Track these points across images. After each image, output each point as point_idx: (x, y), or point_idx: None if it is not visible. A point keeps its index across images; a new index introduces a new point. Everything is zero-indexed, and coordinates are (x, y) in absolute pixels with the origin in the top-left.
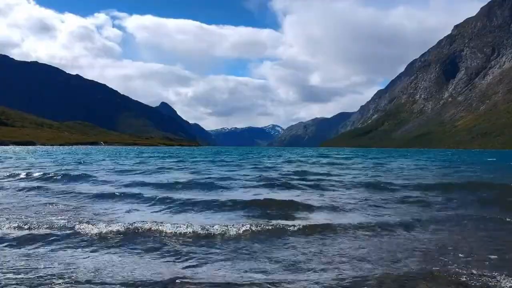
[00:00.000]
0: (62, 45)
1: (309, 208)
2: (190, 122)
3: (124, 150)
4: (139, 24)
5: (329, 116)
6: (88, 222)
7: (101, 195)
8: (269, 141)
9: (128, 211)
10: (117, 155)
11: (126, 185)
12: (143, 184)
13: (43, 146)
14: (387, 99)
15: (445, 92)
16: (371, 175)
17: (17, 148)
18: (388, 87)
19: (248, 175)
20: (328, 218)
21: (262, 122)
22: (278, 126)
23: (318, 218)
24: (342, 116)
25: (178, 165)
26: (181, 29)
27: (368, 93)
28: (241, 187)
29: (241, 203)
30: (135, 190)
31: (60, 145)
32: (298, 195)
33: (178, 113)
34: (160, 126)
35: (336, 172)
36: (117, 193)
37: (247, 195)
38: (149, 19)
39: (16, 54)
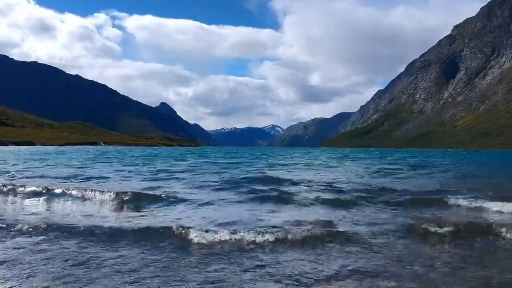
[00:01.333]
0: (62, 45)
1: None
2: (190, 122)
3: (120, 150)
4: (139, 24)
5: (329, 116)
6: None
7: None
8: (269, 141)
9: None
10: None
11: None
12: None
13: (43, 146)
14: (387, 99)
15: (445, 92)
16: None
17: None
18: (388, 87)
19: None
20: None
21: (262, 122)
22: (278, 126)
23: None
24: (342, 116)
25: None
26: (181, 29)
27: (368, 93)
28: (189, 199)
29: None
30: None
31: (60, 145)
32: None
33: (178, 113)
34: (160, 126)
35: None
36: None
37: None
38: (149, 19)
39: (16, 54)
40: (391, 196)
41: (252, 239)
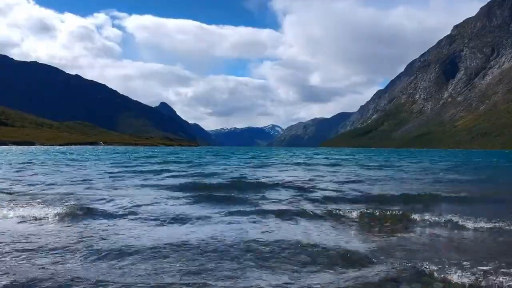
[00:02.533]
0: (62, 45)
1: None
2: (190, 122)
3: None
4: (139, 24)
5: (328, 116)
6: None
7: None
8: (269, 141)
9: None
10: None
11: None
12: None
13: (42, 146)
14: (386, 99)
15: (444, 92)
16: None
17: None
18: (387, 87)
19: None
20: None
21: (262, 122)
22: (278, 126)
23: None
24: (342, 116)
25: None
26: (181, 29)
27: (368, 93)
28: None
29: None
30: None
31: (60, 145)
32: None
33: (178, 113)
34: (160, 126)
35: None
36: None
37: None
38: (149, 19)
39: (16, 54)
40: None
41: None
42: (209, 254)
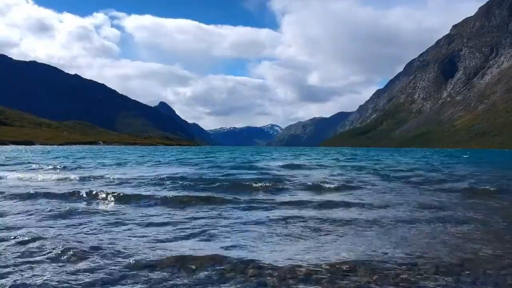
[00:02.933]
0: (61, 45)
1: None
2: (188, 121)
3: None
4: (137, 24)
5: (327, 115)
6: None
7: None
8: (268, 141)
9: None
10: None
11: None
12: None
13: (42, 146)
14: (385, 99)
15: (443, 91)
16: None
17: None
18: (386, 86)
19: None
20: None
21: (260, 122)
22: (277, 126)
23: None
24: (341, 116)
25: None
26: (180, 29)
27: (367, 93)
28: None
29: None
30: None
31: (60, 144)
32: None
33: (177, 112)
34: (159, 126)
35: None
36: None
37: None
38: (147, 19)
39: (14, 54)
40: None
41: None
42: None
